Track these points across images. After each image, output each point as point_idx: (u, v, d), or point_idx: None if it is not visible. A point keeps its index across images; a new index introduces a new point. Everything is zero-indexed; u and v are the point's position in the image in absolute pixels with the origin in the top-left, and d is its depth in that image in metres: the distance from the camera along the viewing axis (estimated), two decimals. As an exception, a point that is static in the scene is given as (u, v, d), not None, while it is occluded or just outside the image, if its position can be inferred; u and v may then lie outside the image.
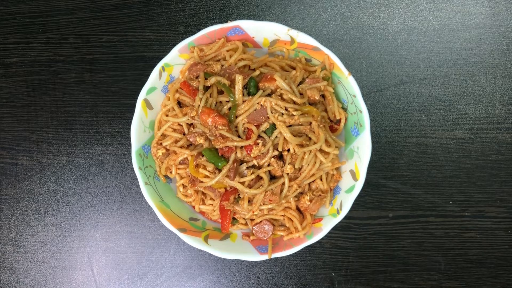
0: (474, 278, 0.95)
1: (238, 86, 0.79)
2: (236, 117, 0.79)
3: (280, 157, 0.81)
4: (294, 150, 0.79)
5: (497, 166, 0.96)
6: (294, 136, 0.79)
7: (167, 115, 0.86)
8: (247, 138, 0.78)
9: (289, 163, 0.80)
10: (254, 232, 0.86)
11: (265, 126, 0.79)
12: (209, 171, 0.80)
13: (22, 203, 0.97)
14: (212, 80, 0.80)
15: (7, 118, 0.98)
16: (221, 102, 0.81)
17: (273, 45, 0.88)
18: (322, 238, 0.82)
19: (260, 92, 0.79)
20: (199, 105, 0.79)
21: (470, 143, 0.96)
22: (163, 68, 0.84)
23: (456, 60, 0.97)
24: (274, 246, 0.84)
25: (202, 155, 0.81)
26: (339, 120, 0.86)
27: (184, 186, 0.87)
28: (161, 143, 0.86)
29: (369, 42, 0.98)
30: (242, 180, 0.79)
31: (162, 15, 0.98)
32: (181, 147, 0.83)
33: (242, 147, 0.79)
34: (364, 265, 0.95)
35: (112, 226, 0.96)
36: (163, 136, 0.86)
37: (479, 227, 0.95)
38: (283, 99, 0.79)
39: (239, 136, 0.79)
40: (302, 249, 0.83)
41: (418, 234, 0.95)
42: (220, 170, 0.79)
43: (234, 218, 0.86)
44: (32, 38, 0.99)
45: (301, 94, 0.81)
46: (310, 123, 0.80)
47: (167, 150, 0.86)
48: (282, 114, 0.78)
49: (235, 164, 0.79)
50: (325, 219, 0.85)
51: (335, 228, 0.85)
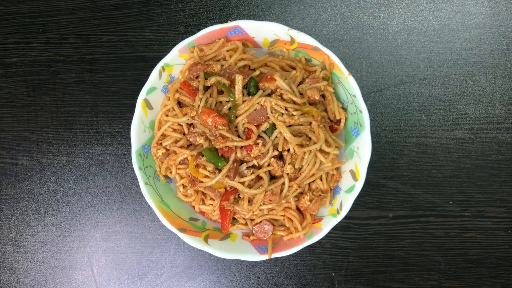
0: (474, 278, 0.95)
1: (238, 86, 0.79)
2: (236, 117, 0.79)
3: (280, 157, 0.81)
4: (294, 150, 0.79)
5: (497, 166, 0.96)
6: (294, 136, 0.78)
7: (167, 115, 0.86)
8: (247, 138, 0.78)
9: (289, 163, 0.80)
10: (254, 232, 0.86)
11: (265, 126, 0.78)
12: (209, 171, 0.80)
13: (22, 203, 0.97)
14: (212, 80, 0.80)
15: (7, 118, 0.98)
16: (221, 102, 0.81)
17: (273, 45, 0.88)
18: (322, 238, 0.82)
19: (260, 92, 0.79)
20: (199, 105, 0.79)
21: (470, 143, 0.96)
22: (163, 68, 0.84)
23: (456, 60, 0.97)
24: (274, 246, 0.84)
25: (202, 155, 0.81)
26: (339, 120, 0.86)
27: (184, 186, 0.87)
28: (161, 143, 0.86)
29: (369, 42, 0.98)
30: (242, 180, 0.79)
31: (162, 15, 0.98)
32: (181, 147, 0.83)
33: (242, 147, 0.79)
34: (364, 265, 0.95)
35: (112, 226, 0.96)
36: (163, 136, 0.86)
37: (479, 227, 0.95)
38: (283, 99, 0.79)
39: (239, 136, 0.79)
40: (302, 249, 0.83)
41: (418, 234, 0.95)
42: (220, 170, 0.79)
43: (234, 218, 0.86)
44: (32, 38, 0.99)
45: (301, 94, 0.81)
46: (310, 123, 0.80)
47: (167, 150, 0.86)
48: (282, 114, 0.78)
49: (235, 164, 0.79)
50: (325, 219, 0.85)
51: (335, 228, 0.85)
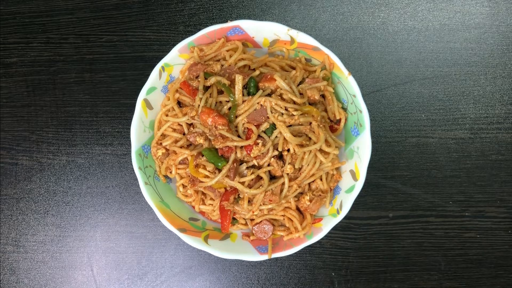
0: (474, 278, 0.95)
1: (238, 86, 0.79)
2: (236, 117, 0.79)
3: (280, 157, 0.81)
4: (294, 150, 0.79)
5: (497, 166, 0.96)
6: (294, 136, 0.78)
7: (167, 115, 0.86)
8: (247, 138, 0.78)
9: (289, 163, 0.80)
10: (254, 232, 0.86)
11: (265, 126, 0.78)
12: (209, 171, 0.80)
13: (22, 203, 0.97)
14: (212, 80, 0.80)
15: (7, 118, 0.98)
16: (221, 102, 0.81)
17: (273, 45, 0.88)
18: (322, 238, 0.82)
19: (260, 92, 0.79)
20: (199, 105, 0.79)
21: (470, 143, 0.96)
22: (163, 68, 0.84)
23: (456, 60, 0.97)
24: (274, 246, 0.84)
25: (202, 155, 0.81)
26: (339, 120, 0.86)
27: (184, 186, 0.87)
28: (161, 143, 0.86)
29: (369, 42, 0.98)
30: (242, 180, 0.79)
31: (162, 15, 0.98)
32: (181, 147, 0.83)
33: (242, 147, 0.79)
34: (364, 265, 0.95)
35: (112, 226, 0.96)
36: (163, 136, 0.86)
37: (479, 227, 0.95)
38: (283, 99, 0.79)
39: (239, 136, 0.79)
40: (302, 249, 0.83)
41: (418, 234, 0.95)
42: (220, 170, 0.79)
43: (234, 218, 0.86)
44: (32, 38, 0.99)
45: (301, 94, 0.81)
46: (310, 123, 0.80)
47: (167, 150, 0.86)
48: (282, 114, 0.78)
49: (235, 164, 0.79)
50: (325, 219, 0.85)
51: (335, 228, 0.85)
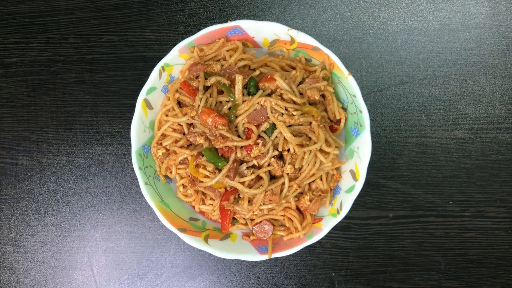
0: (474, 278, 0.95)
1: (238, 86, 0.79)
2: (236, 117, 0.79)
3: (280, 157, 0.81)
4: (294, 150, 0.79)
5: (497, 166, 0.96)
6: (294, 136, 0.78)
7: (167, 115, 0.86)
8: (247, 138, 0.78)
9: (289, 163, 0.80)
10: (254, 232, 0.86)
11: (265, 126, 0.78)
12: (209, 171, 0.80)
13: (22, 203, 0.97)
14: (212, 80, 0.80)
15: (7, 118, 0.98)
16: (221, 102, 0.81)
17: (273, 45, 0.88)
18: (322, 238, 0.82)
19: (260, 92, 0.79)
20: (199, 105, 0.79)
21: (470, 143, 0.96)
22: (163, 68, 0.84)
23: (456, 60, 0.97)
24: (274, 246, 0.84)
25: (202, 155, 0.80)
26: (339, 120, 0.86)
27: (184, 186, 0.87)
28: (161, 143, 0.86)
29: (369, 42, 0.98)
30: (242, 180, 0.79)
31: (162, 15, 0.98)
32: (181, 147, 0.83)
33: (242, 147, 0.79)
34: (364, 265, 0.95)
35: (112, 226, 0.96)
36: (163, 136, 0.86)
37: (479, 227, 0.95)
38: (283, 99, 0.79)
39: (239, 136, 0.79)
40: (302, 249, 0.83)
41: (418, 234, 0.95)
42: (220, 170, 0.79)
43: (234, 218, 0.86)
44: (32, 38, 0.99)
45: (301, 94, 0.81)
46: (310, 123, 0.80)
47: (167, 150, 0.86)
48: (282, 114, 0.78)
49: (235, 164, 0.79)
50: (325, 219, 0.85)
51: (335, 228, 0.85)
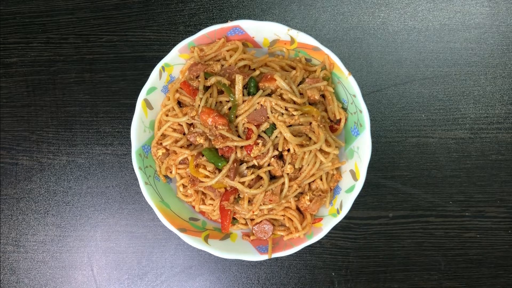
0: (474, 278, 0.95)
1: (238, 86, 0.79)
2: (236, 117, 0.79)
3: (280, 157, 0.81)
4: (294, 150, 0.79)
5: (497, 166, 0.96)
6: (294, 136, 0.78)
7: (167, 115, 0.86)
8: (247, 138, 0.78)
9: (289, 163, 0.80)
10: (254, 232, 0.86)
11: (265, 126, 0.78)
12: (209, 171, 0.80)
13: (22, 203, 0.97)
14: (212, 80, 0.80)
15: (7, 118, 0.98)
16: (221, 102, 0.81)
17: (273, 45, 0.88)
18: (322, 238, 0.82)
19: (260, 92, 0.79)
20: (199, 105, 0.79)
21: (470, 143, 0.96)
22: (163, 68, 0.84)
23: (456, 60, 0.97)
24: (274, 246, 0.84)
25: (202, 155, 0.81)
26: (339, 120, 0.86)
27: (184, 186, 0.87)
28: (161, 143, 0.86)
29: (369, 42, 0.98)
30: (242, 180, 0.79)
31: (162, 15, 0.98)
32: (181, 147, 0.83)
33: (242, 147, 0.79)
34: (364, 265, 0.95)
35: (112, 226, 0.96)
36: (163, 136, 0.86)
37: (479, 227, 0.95)
38: (283, 99, 0.79)
39: (239, 136, 0.79)
40: (302, 249, 0.83)
41: (418, 234, 0.95)
42: (220, 170, 0.79)
43: (234, 218, 0.86)
44: (32, 38, 0.99)
45: (301, 94, 0.81)
46: (310, 123, 0.80)
47: (167, 150, 0.86)
48: (282, 114, 0.78)
49: (235, 164, 0.79)
50: (325, 219, 0.85)
51: (335, 228, 0.85)
